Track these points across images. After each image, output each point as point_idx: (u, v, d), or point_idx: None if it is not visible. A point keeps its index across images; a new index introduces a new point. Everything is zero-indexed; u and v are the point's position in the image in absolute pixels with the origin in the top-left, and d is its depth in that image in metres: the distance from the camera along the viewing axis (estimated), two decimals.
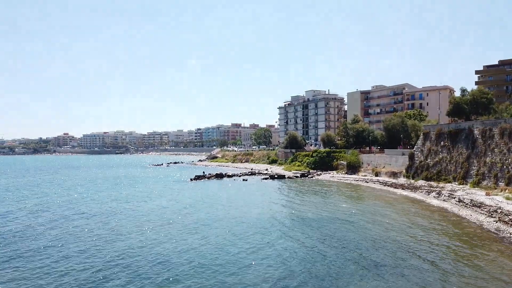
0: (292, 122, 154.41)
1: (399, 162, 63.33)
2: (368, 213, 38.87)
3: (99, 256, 24.59)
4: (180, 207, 43.65)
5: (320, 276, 20.99)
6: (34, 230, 32.49)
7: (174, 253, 25.11)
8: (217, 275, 21.16)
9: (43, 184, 73.69)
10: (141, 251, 25.60)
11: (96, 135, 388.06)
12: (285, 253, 25.13)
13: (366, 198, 50.01)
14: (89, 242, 28.11)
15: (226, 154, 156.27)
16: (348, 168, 75.93)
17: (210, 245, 27.07)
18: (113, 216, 38.45)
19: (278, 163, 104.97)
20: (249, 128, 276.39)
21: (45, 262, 23.58)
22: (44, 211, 41.80)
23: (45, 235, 30.48)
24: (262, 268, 22.34)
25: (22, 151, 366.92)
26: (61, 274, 21.27)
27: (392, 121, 77.64)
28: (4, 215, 39.45)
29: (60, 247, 26.87)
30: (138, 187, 67.47)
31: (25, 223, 35.53)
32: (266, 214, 39.33)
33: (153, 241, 28.42)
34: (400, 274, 21.07)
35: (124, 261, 23.60)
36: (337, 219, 36.07)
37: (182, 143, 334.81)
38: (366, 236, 29.42)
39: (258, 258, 24.20)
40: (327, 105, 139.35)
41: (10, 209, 43.18)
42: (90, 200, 50.65)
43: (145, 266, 22.69)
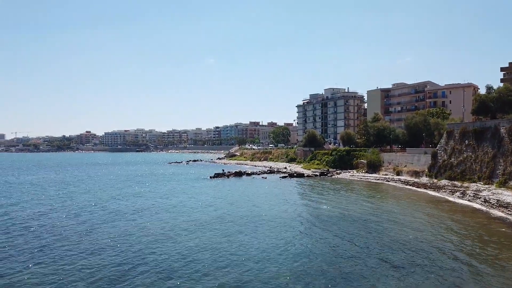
0: (311, 120, 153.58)
1: (421, 161, 62.26)
2: (390, 212, 38.45)
3: (125, 252, 25.22)
4: (201, 205, 44.22)
5: (343, 275, 20.96)
6: (52, 229, 33.50)
7: (196, 249, 25.51)
8: (238, 271, 21.39)
9: (68, 181, 75.81)
10: (164, 247, 26.11)
11: (117, 133, 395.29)
12: (306, 252, 25.18)
13: (388, 197, 49.42)
14: (116, 239, 28.84)
15: (244, 152, 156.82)
16: (368, 167, 75.10)
17: (231, 242, 27.35)
18: (138, 213, 39.29)
19: (297, 162, 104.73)
20: (267, 126, 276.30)
21: (69, 258, 24.30)
22: (71, 209, 43.02)
23: (73, 233, 31.38)
24: (283, 266, 22.46)
25: (46, 149, 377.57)
26: (92, 270, 21.87)
27: (414, 119, 76.32)
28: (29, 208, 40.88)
29: (88, 244, 27.65)
30: (159, 184, 68.65)
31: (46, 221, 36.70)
32: (286, 212, 39.42)
33: (176, 237, 28.93)
34: (427, 274, 20.83)
35: (149, 256, 24.16)
36: (359, 218, 35.82)
37: (201, 141, 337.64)
38: (389, 235, 29.14)
39: (277, 256, 24.33)
40: (346, 103, 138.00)
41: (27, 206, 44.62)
42: (118, 197, 51.81)
43: (169, 261, 23.16)
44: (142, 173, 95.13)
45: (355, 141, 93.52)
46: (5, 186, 66.50)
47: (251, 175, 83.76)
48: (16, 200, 48.88)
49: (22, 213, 39.49)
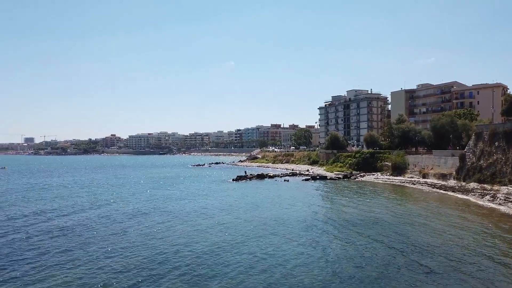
0: (333, 122, 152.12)
1: (448, 163, 60.66)
2: (418, 215, 37.64)
3: (150, 253, 25.67)
4: (224, 207, 44.51)
5: (371, 279, 20.67)
6: (81, 227, 34.48)
7: (220, 252, 25.68)
8: (264, 275, 21.42)
9: (96, 183, 77.95)
10: (187, 249, 26.39)
11: (141, 136, 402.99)
12: (333, 255, 24.95)
13: (414, 200, 48.37)
14: (152, 239, 29.39)
15: (266, 154, 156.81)
16: (393, 170, 73.73)
17: (257, 245, 27.42)
18: (161, 215, 39.93)
19: (319, 164, 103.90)
20: (289, 128, 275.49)
21: (96, 257, 24.95)
22: (92, 209, 44.22)
23: (97, 232, 32.23)
24: (310, 270, 22.34)
25: (73, 152, 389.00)
26: (117, 271, 22.31)
27: (440, 120, 74.44)
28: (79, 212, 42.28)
29: (111, 243, 28.34)
30: (184, 186, 69.60)
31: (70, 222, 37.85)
32: (311, 215, 39.19)
33: (200, 239, 29.19)
34: (456, 280, 20.29)
35: (173, 256, 24.51)
36: (386, 221, 35.23)
37: (223, 144, 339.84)
38: (419, 239, 28.53)
39: (305, 259, 24.22)
40: (369, 105, 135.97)
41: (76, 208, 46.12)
42: (148, 199, 52.81)
43: (193, 262, 23.39)
44: (167, 176, 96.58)
45: (379, 143, 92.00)
46: (44, 187, 69.07)
47: (273, 177, 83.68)
48: (50, 201, 50.70)
49: (62, 215, 40.87)
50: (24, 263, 23.34)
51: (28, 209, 43.22)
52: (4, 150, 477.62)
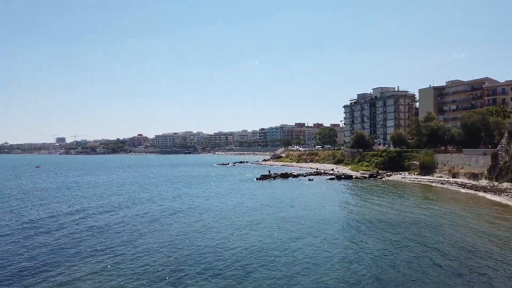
0: (359, 121, 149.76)
1: (479, 162, 58.63)
2: (446, 216, 36.62)
3: (176, 252, 26.16)
4: (249, 206, 44.73)
5: (400, 281, 20.31)
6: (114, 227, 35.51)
7: (244, 251, 25.80)
8: (287, 274, 21.41)
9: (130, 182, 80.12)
10: (211, 248, 26.66)
11: (167, 135, 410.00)
12: (361, 256, 24.64)
13: (443, 200, 47.03)
14: (168, 238, 30.02)
15: (290, 153, 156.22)
16: (421, 169, 71.94)
17: (279, 245, 27.40)
18: (194, 213, 40.60)
19: (344, 163, 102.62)
20: (313, 127, 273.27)
21: (125, 256, 25.64)
22: (128, 208, 45.46)
23: (136, 230, 33.13)
24: (336, 270, 22.18)
25: (102, 151, 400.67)
26: (143, 270, 22.78)
27: (471, 118, 72.00)
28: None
29: (142, 242, 29.04)
30: (211, 185, 70.52)
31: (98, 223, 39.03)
32: (335, 214, 38.87)
33: (224, 238, 29.46)
34: (493, 283, 19.64)
35: (196, 256, 24.86)
36: (414, 222, 34.46)
37: (247, 143, 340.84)
38: (448, 241, 27.75)
39: (328, 259, 24.04)
40: (396, 103, 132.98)
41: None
42: (177, 197, 53.84)
43: (217, 261, 23.61)
44: (193, 175, 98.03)
45: (407, 142, 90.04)
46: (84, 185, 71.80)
47: (297, 176, 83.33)
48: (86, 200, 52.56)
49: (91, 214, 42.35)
50: (68, 259, 24.10)
51: (67, 207, 44.95)
52: (38, 150, 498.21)
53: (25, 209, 44.05)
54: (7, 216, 39.79)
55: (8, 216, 39.54)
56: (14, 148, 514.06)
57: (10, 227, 33.90)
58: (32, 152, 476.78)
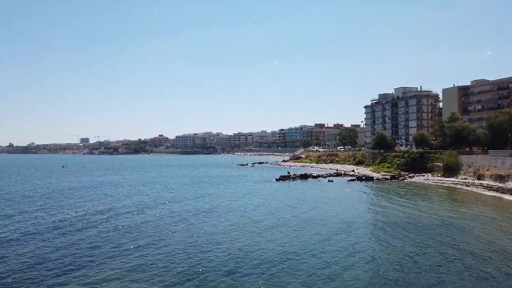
0: (380, 121, 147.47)
1: (506, 164, 56.80)
2: (474, 218, 35.73)
3: (200, 252, 26.47)
4: (270, 207, 44.77)
5: (424, 285, 19.93)
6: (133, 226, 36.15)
7: (267, 252, 25.86)
8: (307, 276, 21.35)
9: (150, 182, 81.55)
10: (235, 249, 26.85)
11: (187, 136, 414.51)
12: (377, 258, 24.33)
13: (469, 202, 45.83)
14: (193, 238, 30.38)
15: (310, 154, 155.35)
16: (445, 170, 70.27)
17: (299, 246, 27.32)
18: (209, 214, 41.08)
19: (365, 164, 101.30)
20: (333, 128, 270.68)
21: (151, 256, 26.05)
22: (154, 208, 46.24)
23: (150, 231, 33.69)
24: (358, 272, 21.97)
25: (124, 151, 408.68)
26: (168, 270, 23.08)
27: (497, 118, 69.87)
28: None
29: (167, 242, 29.48)
30: (230, 185, 71.14)
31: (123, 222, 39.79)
32: (358, 216, 38.45)
33: (247, 239, 29.60)
34: None
35: (221, 257, 25.08)
36: (436, 225, 33.75)
37: (266, 144, 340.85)
38: (475, 243, 27.08)
39: (347, 261, 23.82)
40: (419, 103, 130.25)
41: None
42: (199, 197, 54.50)
43: (240, 262, 23.77)
44: (213, 175, 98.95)
45: (430, 143, 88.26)
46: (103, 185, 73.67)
47: (317, 177, 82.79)
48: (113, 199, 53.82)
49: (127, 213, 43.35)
50: (94, 259, 24.58)
51: (94, 206, 46.06)
52: (63, 150, 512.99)
53: (57, 208, 45.19)
54: (39, 214, 41.06)
55: (40, 215, 40.76)
56: (40, 148, 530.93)
57: (43, 226, 34.78)
58: (57, 152, 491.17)
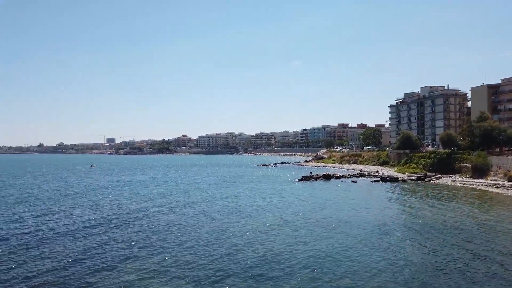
0: (405, 121, 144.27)
1: None
2: (504, 221, 34.46)
3: (225, 251, 26.65)
4: (294, 207, 44.58)
5: None
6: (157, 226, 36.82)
7: (289, 253, 25.77)
8: (331, 277, 21.16)
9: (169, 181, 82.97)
10: (250, 248, 26.83)
11: (210, 136, 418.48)
12: (402, 261, 23.80)
13: (500, 205, 44.26)
14: (221, 238, 30.64)
15: (332, 154, 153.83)
16: (473, 172, 68.09)
17: (329, 248, 27.06)
18: (233, 214, 41.26)
19: (390, 165, 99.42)
20: (357, 128, 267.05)
21: (180, 256, 26.43)
22: (175, 211, 47.02)
23: (178, 230, 34.21)
24: (383, 275, 21.63)
25: (148, 151, 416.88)
26: (196, 269, 23.42)
27: None
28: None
29: (191, 242, 29.87)
30: (253, 185, 71.37)
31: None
32: (382, 218, 37.76)
33: (271, 240, 29.48)
34: None
35: (245, 257, 25.18)
36: (465, 228, 32.74)
37: (288, 144, 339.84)
38: (501, 248, 26.13)
39: (379, 264, 23.43)
40: (446, 102, 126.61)
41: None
42: (223, 197, 55.01)
43: (257, 263, 23.69)
44: (236, 175, 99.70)
45: (457, 143, 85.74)
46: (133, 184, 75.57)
47: (340, 178, 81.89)
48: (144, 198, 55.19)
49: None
50: (123, 258, 24.95)
51: (126, 206, 46.71)
52: (90, 150, 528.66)
53: (92, 206, 46.12)
54: (76, 212, 42.36)
55: (77, 212, 41.98)
56: (69, 148, 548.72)
57: (78, 224, 35.33)
58: (85, 152, 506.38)
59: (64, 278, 20.98)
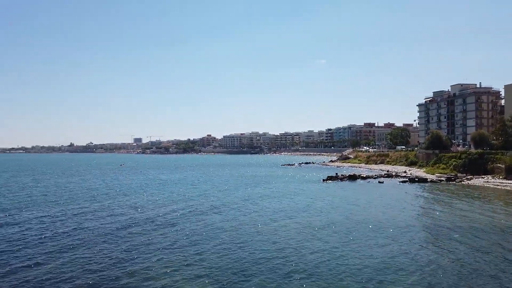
0: (435, 120, 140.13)
1: None
2: None
3: (238, 252, 26.73)
4: (319, 207, 44.13)
5: None
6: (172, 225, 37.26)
7: (322, 255, 25.42)
8: (365, 281, 20.80)
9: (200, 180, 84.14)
10: (272, 247, 26.73)
11: (234, 136, 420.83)
12: (429, 265, 23.03)
13: None
14: (245, 238, 30.76)
15: (358, 154, 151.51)
16: (507, 172, 65.35)
17: (357, 249, 26.62)
18: (259, 213, 41.34)
19: (418, 165, 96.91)
20: (383, 127, 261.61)
21: (208, 254, 26.65)
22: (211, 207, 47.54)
23: (204, 230, 34.56)
24: (408, 276, 21.07)
25: (174, 151, 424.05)
26: (226, 270, 23.60)
27: None
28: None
29: (216, 240, 30.06)
30: (277, 185, 71.25)
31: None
32: (409, 219, 36.87)
33: (297, 241, 29.25)
34: None
35: (272, 256, 25.12)
36: (497, 232, 31.43)
37: (313, 144, 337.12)
38: None
39: (395, 268, 22.81)
40: (478, 100, 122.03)
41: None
42: (248, 197, 55.22)
43: (298, 264, 23.49)
44: (261, 174, 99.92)
45: (490, 143, 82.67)
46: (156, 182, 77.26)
47: (366, 178, 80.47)
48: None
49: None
50: (152, 255, 25.63)
51: (165, 204, 47.22)
52: (118, 149, 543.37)
53: (135, 205, 46.75)
54: (116, 211, 43.44)
55: (118, 211, 43.08)
56: (98, 148, 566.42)
57: (120, 224, 35.76)
58: (113, 151, 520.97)
59: (102, 278, 21.01)
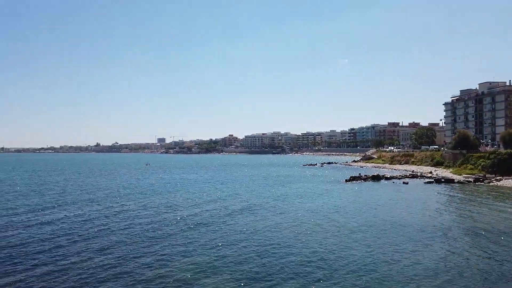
0: (462, 119, 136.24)
1: None
2: None
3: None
4: (343, 208, 43.69)
5: None
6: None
7: (329, 255, 25.31)
8: (385, 281, 20.59)
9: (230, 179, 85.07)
10: (293, 249, 26.59)
11: (256, 136, 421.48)
12: (461, 268, 22.62)
13: None
14: (267, 237, 30.92)
15: (382, 155, 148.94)
16: None
17: (379, 251, 26.30)
18: (285, 214, 41.28)
19: (445, 166, 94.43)
20: (408, 127, 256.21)
21: (244, 252, 26.89)
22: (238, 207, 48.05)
23: (228, 229, 34.88)
24: (437, 279, 20.70)
25: (197, 151, 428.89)
26: (243, 268, 23.77)
27: None
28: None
29: (244, 242, 30.34)
30: (299, 185, 70.97)
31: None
32: (436, 220, 35.97)
33: (331, 241, 28.99)
34: None
35: (304, 257, 25.13)
36: None
37: (335, 143, 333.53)
38: None
39: (431, 268, 22.48)
40: (508, 99, 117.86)
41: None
42: (274, 197, 55.38)
43: (333, 265, 23.37)
44: (283, 174, 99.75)
45: None
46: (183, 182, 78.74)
47: (390, 179, 79.09)
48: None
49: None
50: (174, 254, 26.17)
51: (198, 204, 47.49)
52: (142, 149, 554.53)
53: (168, 204, 47.28)
54: (145, 211, 44.34)
55: (146, 212, 43.94)
56: (123, 147, 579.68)
57: (151, 223, 36.07)
58: (137, 151, 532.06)
59: (112, 274, 21.37)
